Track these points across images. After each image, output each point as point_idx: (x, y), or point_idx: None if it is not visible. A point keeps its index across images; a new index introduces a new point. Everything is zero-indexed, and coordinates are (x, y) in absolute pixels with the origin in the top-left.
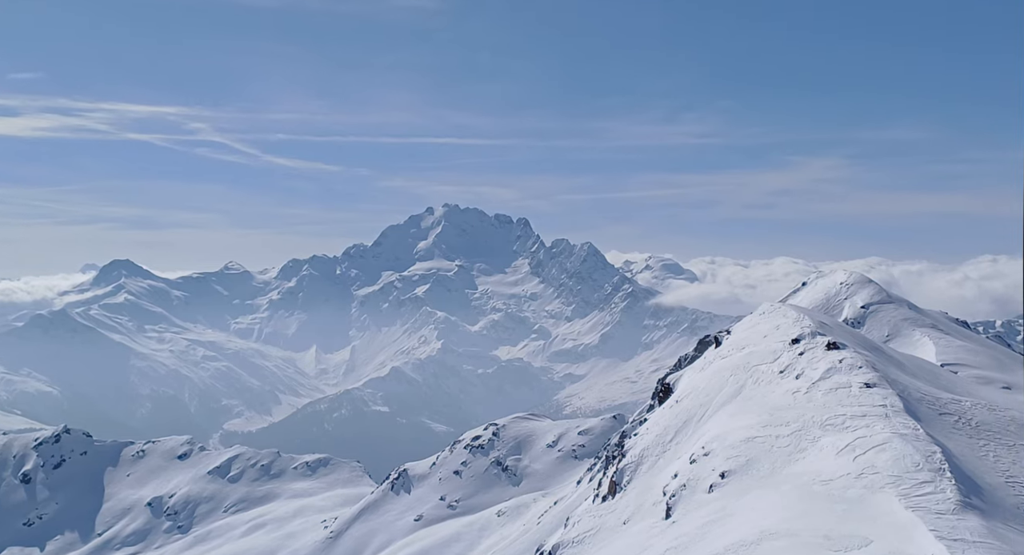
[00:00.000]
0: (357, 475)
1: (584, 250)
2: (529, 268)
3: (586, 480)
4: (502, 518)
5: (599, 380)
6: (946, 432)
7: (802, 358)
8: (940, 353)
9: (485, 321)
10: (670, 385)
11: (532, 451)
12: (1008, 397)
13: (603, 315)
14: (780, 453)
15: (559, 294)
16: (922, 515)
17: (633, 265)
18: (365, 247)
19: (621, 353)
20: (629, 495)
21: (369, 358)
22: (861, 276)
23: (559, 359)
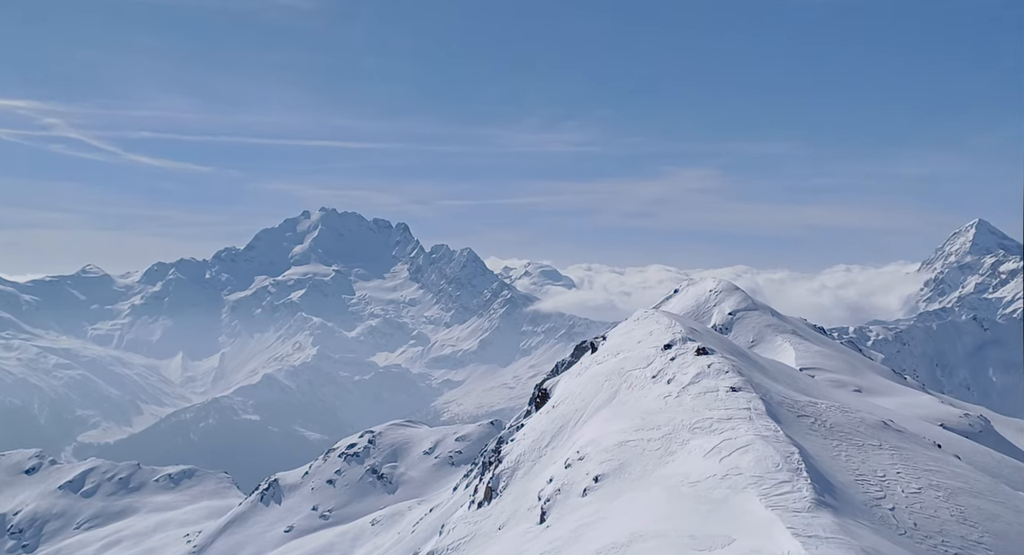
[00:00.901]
0: (224, 486)
1: (464, 256)
2: (408, 273)
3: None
4: (376, 527)
5: (477, 386)
6: (803, 433)
7: (673, 363)
8: (799, 358)
9: (363, 327)
10: (547, 391)
11: (409, 458)
12: (859, 399)
13: (482, 321)
14: (651, 456)
15: (438, 300)
16: (780, 513)
17: (512, 271)
18: (237, 251)
19: (500, 359)
20: (505, 500)
21: (240, 365)
22: (729, 284)
23: (438, 365)
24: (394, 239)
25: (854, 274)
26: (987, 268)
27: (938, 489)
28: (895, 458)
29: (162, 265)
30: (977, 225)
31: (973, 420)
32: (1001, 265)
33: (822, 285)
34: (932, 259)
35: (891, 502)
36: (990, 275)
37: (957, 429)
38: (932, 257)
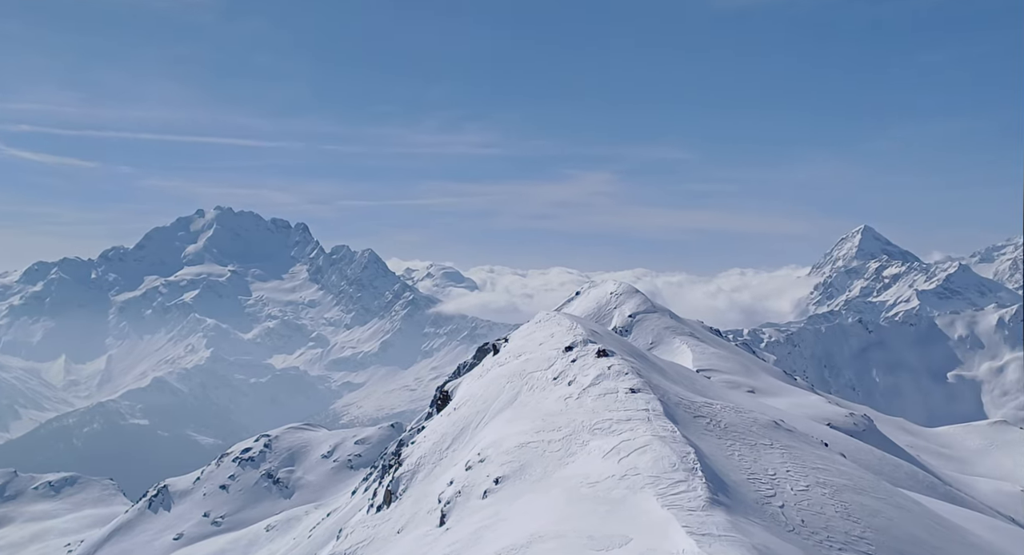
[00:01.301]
0: (110, 494)
1: (365, 257)
2: (308, 274)
3: (361, 490)
4: (271, 532)
5: (378, 388)
6: (699, 433)
7: (574, 365)
8: (696, 359)
9: (259, 328)
10: (448, 393)
11: (306, 462)
12: (752, 400)
13: (383, 323)
14: (552, 457)
15: (339, 301)
16: (676, 512)
17: (414, 273)
18: (126, 250)
19: (401, 361)
20: (405, 504)
21: (128, 368)
22: (629, 287)
23: (337, 367)
24: (293, 239)
25: (748, 278)
26: (872, 272)
27: (824, 486)
28: (785, 457)
29: (43, 264)
30: (863, 231)
31: (857, 419)
32: (885, 270)
33: (718, 288)
34: (821, 263)
35: (781, 500)
36: (874, 279)
37: (843, 428)
38: (821, 262)
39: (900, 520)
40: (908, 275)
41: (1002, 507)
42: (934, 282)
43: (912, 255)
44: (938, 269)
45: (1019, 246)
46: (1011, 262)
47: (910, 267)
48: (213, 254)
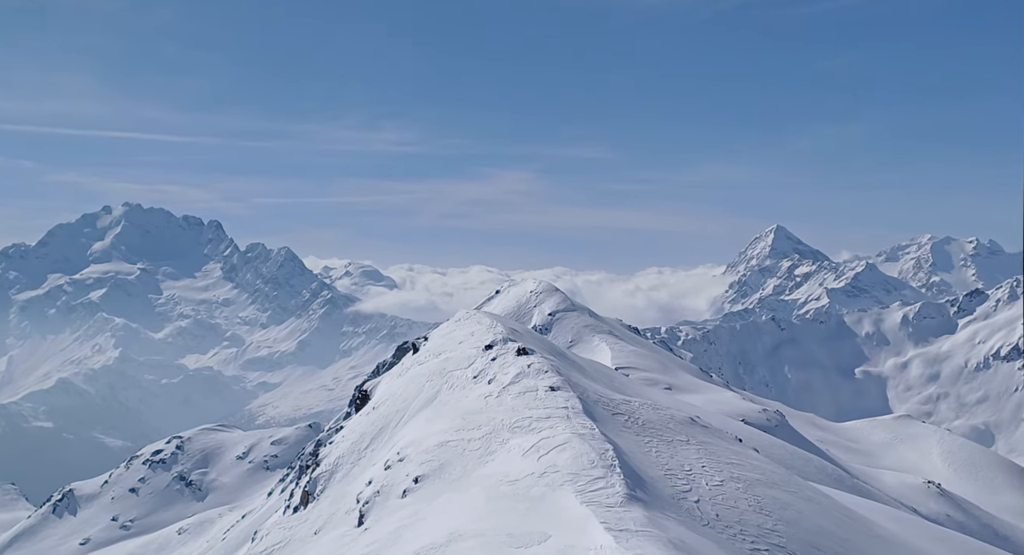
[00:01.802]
0: (12, 499)
1: (281, 255)
2: (222, 273)
3: (277, 491)
4: (183, 536)
5: (295, 388)
6: (617, 430)
7: (494, 363)
8: (615, 357)
9: (171, 328)
10: (367, 392)
11: (220, 464)
12: (669, 397)
13: (301, 322)
14: (472, 456)
15: (254, 300)
16: (594, 509)
17: (333, 271)
18: (28, 247)
19: (319, 360)
20: (322, 504)
21: (31, 369)
22: (549, 285)
23: (253, 367)
24: (206, 237)
25: (666, 276)
26: (784, 271)
27: (738, 481)
28: (701, 453)
29: None
30: (775, 231)
31: (770, 415)
32: (796, 268)
33: (636, 287)
34: (736, 262)
35: (696, 495)
36: (787, 278)
37: (756, 424)
38: (736, 260)
39: (810, 513)
40: (818, 274)
41: (905, 498)
42: (843, 281)
43: (822, 254)
44: (847, 268)
45: (922, 245)
46: (915, 261)
47: (820, 266)
48: (121, 252)
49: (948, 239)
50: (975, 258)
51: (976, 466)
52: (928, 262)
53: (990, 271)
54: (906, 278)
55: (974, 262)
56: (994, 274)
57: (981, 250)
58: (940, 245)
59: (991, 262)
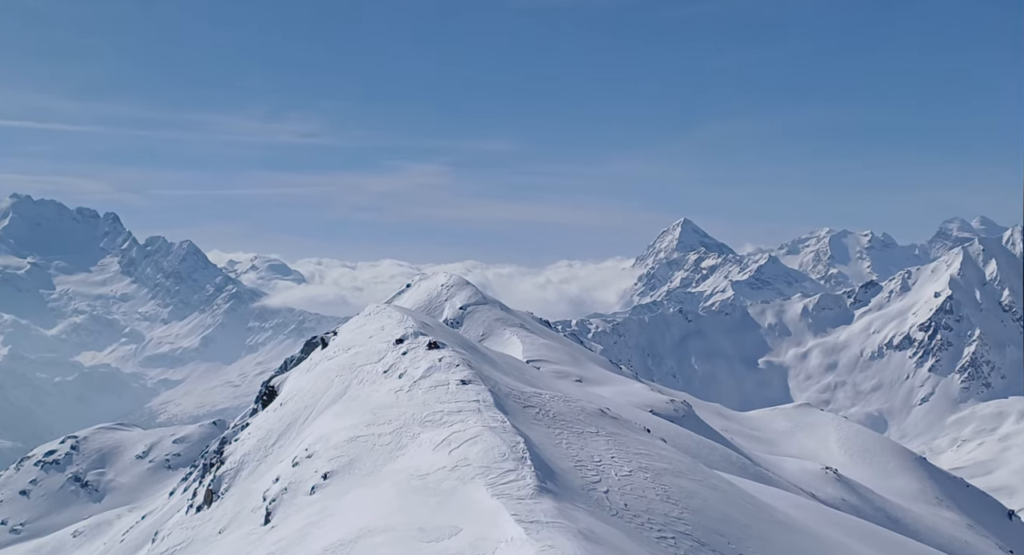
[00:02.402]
0: None
1: (183, 249)
2: (119, 267)
3: (180, 491)
4: (79, 538)
5: (199, 385)
6: (528, 423)
7: (405, 358)
8: (526, 350)
9: (65, 324)
10: (275, 388)
11: (119, 464)
12: (580, 389)
13: (204, 317)
14: (382, 451)
15: (155, 295)
16: (505, 501)
17: (238, 265)
18: None
19: (224, 356)
20: (227, 503)
21: None
22: (460, 279)
23: (153, 364)
24: (102, 230)
25: (576, 269)
26: (691, 264)
27: (646, 471)
28: (610, 443)
29: None
30: (682, 224)
31: (677, 406)
32: (703, 261)
33: (547, 280)
34: (645, 255)
35: (605, 485)
36: (693, 270)
37: (664, 414)
38: (645, 254)
39: (714, 500)
40: (724, 266)
41: (805, 485)
42: (747, 273)
43: (727, 247)
44: (750, 261)
45: (821, 238)
46: (814, 254)
47: (725, 259)
48: (10, 245)
49: (845, 232)
50: (870, 251)
51: (870, 452)
52: (826, 255)
53: (884, 263)
54: (806, 270)
55: (869, 255)
56: (887, 266)
57: (876, 243)
58: (838, 238)
59: (884, 255)
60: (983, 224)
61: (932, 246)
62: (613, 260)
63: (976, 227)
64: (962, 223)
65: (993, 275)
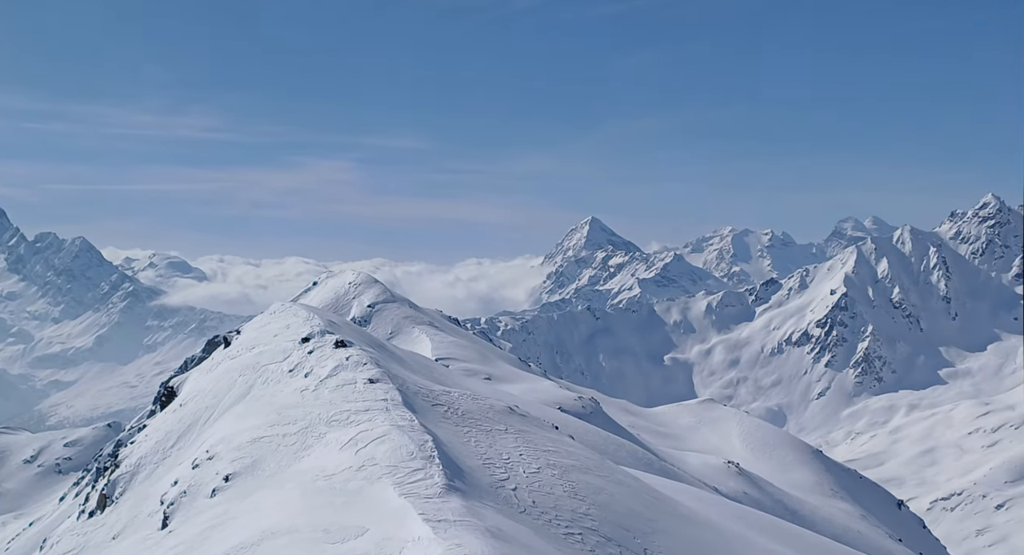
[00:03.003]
0: None
1: (76, 245)
2: (7, 264)
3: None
4: None
5: (92, 386)
6: (437, 421)
7: (311, 356)
8: (435, 348)
9: None
10: (174, 388)
11: (4, 469)
12: (489, 387)
13: (99, 316)
14: (287, 451)
15: (45, 293)
16: (413, 501)
17: (135, 262)
18: None
19: (119, 356)
20: (122, 508)
21: None
22: (368, 276)
23: (43, 364)
24: None
25: (485, 267)
26: (599, 262)
27: (554, 468)
28: (519, 441)
29: None
30: (590, 222)
31: (585, 402)
32: (610, 259)
33: (456, 278)
34: (553, 253)
35: (514, 483)
36: (601, 268)
37: (572, 411)
38: (553, 251)
39: (621, 496)
40: (631, 264)
41: (708, 479)
42: (653, 271)
43: (634, 246)
44: (656, 259)
45: (724, 237)
46: (717, 252)
47: (632, 257)
48: None
49: (747, 231)
50: (770, 249)
51: (770, 445)
52: (729, 253)
53: (783, 261)
54: (710, 268)
55: (769, 253)
56: (787, 264)
57: (775, 242)
58: (740, 237)
59: (784, 253)
60: (875, 224)
61: (828, 245)
62: (522, 258)
63: (869, 227)
64: (856, 223)
65: (885, 273)
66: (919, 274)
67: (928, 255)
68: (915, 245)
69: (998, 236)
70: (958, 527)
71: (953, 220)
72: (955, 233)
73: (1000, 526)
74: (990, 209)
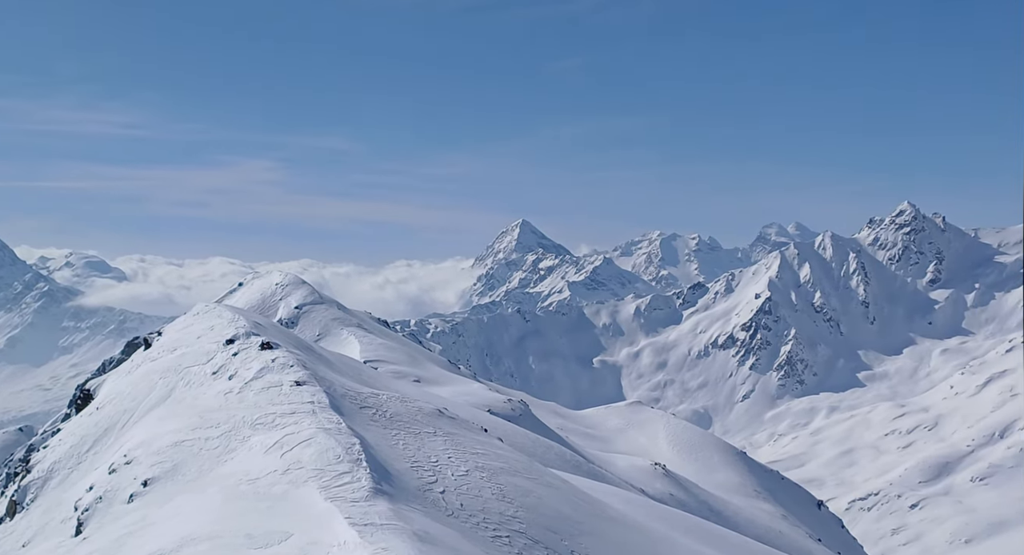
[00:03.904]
0: None
1: None
2: None
3: None
4: None
5: (4, 389)
6: (365, 424)
7: (236, 359)
8: (364, 351)
9: None
10: (90, 391)
11: None
12: (418, 389)
13: (11, 316)
14: (209, 455)
15: None
16: (339, 505)
17: (50, 262)
18: None
19: (33, 358)
20: (33, 514)
21: None
22: (296, 277)
23: None
24: None
25: (415, 269)
26: (529, 265)
27: (483, 470)
28: (447, 443)
29: None
30: (521, 225)
31: (515, 405)
32: (540, 262)
33: (386, 280)
34: (484, 256)
35: (442, 485)
36: (531, 271)
37: (501, 414)
38: (484, 254)
39: (549, 498)
40: (561, 267)
41: (635, 481)
42: (583, 274)
43: (564, 249)
44: (586, 262)
45: (652, 241)
46: (646, 256)
47: (563, 260)
48: None
49: (675, 235)
50: (697, 253)
51: (696, 447)
52: (657, 257)
53: (710, 265)
54: (639, 272)
55: (696, 257)
56: (713, 268)
57: (702, 246)
58: (668, 241)
59: (711, 257)
60: (798, 230)
61: (753, 250)
62: (452, 260)
63: (792, 232)
64: (780, 228)
65: (807, 278)
66: (839, 279)
67: (848, 261)
68: (836, 251)
69: (913, 243)
70: (875, 526)
71: (871, 227)
72: (873, 239)
73: (914, 525)
74: (906, 216)
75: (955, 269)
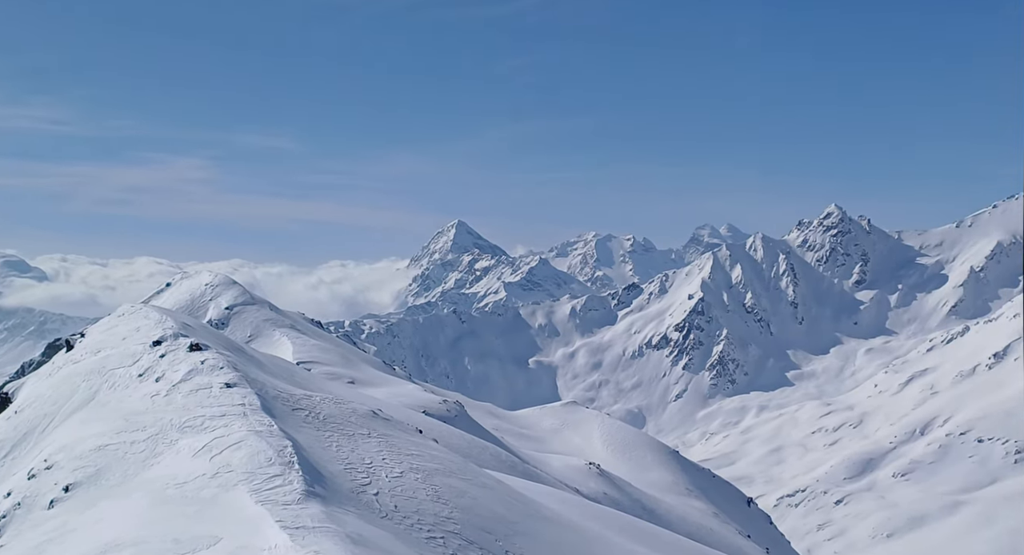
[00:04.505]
0: None
1: None
2: None
3: None
4: None
5: None
6: (297, 426)
7: (163, 360)
8: (297, 352)
9: None
10: (8, 394)
11: None
12: (352, 391)
13: None
14: (134, 459)
15: None
16: (270, 508)
17: None
18: None
19: None
20: None
21: None
22: (226, 278)
23: None
24: None
25: (349, 269)
26: (465, 265)
27: (418, 472)
28: (382, 445)
29: None
30: (457, 226)
31: (450, 406)
32: (476, 263)
33: (319, 280)
34: (420, 256)
35: (376, 487)
36: (468, 272)
37: (436, 415)
38: (419, 254)
39: (484, 499)
40: (497, 268)
41: (570, 480)
42: (519, 275)
43: (500, 249)
44: (522, 262)
45: (588, 242)
46: (582, 257)
47: (499, 261)
48: None
49: (610, 237)
50: (632, 254)
51: (630, 446)
52: (593, 258)
53: (644, 266)
54: (574, 273)
55: (631, 258)
56: (647, 269)
57: (637, 247)
58: (603, 242)
59: (645, 258)
60: (730, 231)
61: (686, 251)
62: (387, 261)
63: (724, 234)
64: (712, 230)
65: (738, 279)
66: (770, 280)
67: (778, 262)
68: (766, 252)
69: (840, 245)
70: (802, 522)
71: (800, 229)
72: (802, 241)
73: (839, 520)
74: (833, 219)
75: (879, 270)
